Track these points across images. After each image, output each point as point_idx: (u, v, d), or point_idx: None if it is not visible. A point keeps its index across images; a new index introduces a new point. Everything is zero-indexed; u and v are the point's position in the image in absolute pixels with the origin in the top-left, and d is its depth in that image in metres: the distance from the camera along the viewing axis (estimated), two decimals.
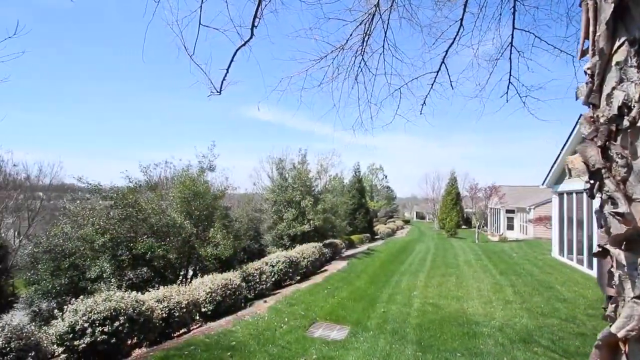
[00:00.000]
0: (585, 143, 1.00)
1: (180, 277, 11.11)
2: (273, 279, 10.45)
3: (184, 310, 6.93)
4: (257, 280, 9.89)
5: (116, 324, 5.29)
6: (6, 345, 4.07)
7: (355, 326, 6.95)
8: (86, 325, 5.08)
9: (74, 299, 5.73)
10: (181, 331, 7.18)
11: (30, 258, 11.75)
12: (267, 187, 20.52)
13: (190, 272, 11.76)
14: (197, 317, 7.76)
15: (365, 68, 3.77)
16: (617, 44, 0.92)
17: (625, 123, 0.93)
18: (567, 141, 12.97)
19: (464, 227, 41.58)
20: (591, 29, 0.96)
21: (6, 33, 4.22)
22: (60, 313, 5.35)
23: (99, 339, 5.08)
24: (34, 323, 9.07)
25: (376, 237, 32.98)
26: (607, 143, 0.95)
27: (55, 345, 5.15)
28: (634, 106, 0.91)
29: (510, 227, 31.47)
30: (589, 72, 0.98)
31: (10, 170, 23.17)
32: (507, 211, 31.58)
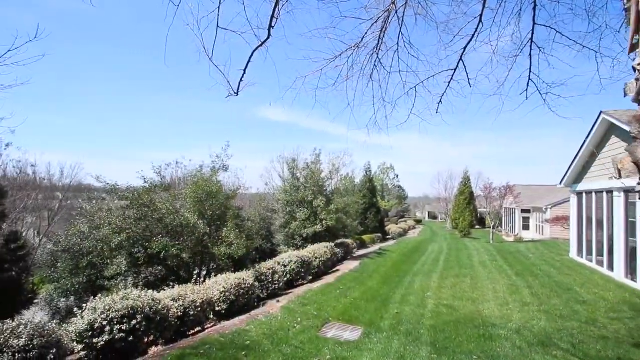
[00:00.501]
0: (636, 143, 0.95)
1: (195, 276, 11.24)
2: (285, 278, 10.46)
3: (199, 309, 7.00)
4: (270, 279, 9.92)
5: (133, 322, 5.36)
6: (29, 342, 4.18)
7: (369, 327, 6.91)
8: (105, 323, 5.17)
9: (92, 297, 5.85)
10: (196, 329, 7.25)
11: (49, 257, 12.08)
12: (279, 187, 20.59)
13: (204, 271, 11.88)
14: (211, 316, 7.82)
15: (380, 66, 3.73)
16: None
17: None
18: (586, 139, 12.61)
19: (477, 227, 40.98)
20: None
21: (27, 37, 4.33)
22: (80, 311, 5.46)
23: (117, 337, 5.17)
24: (54, 321, 9.30)
25: (388, 237, 32.78)
26: None
27: (75, 343, 5.25)
28: None
29: (525, 227, 30.83)
30: (639, 67, 0.93)
31: (30, 171, 23.86)
32: (523, 211, 30.94)
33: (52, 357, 4.36)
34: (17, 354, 4.05)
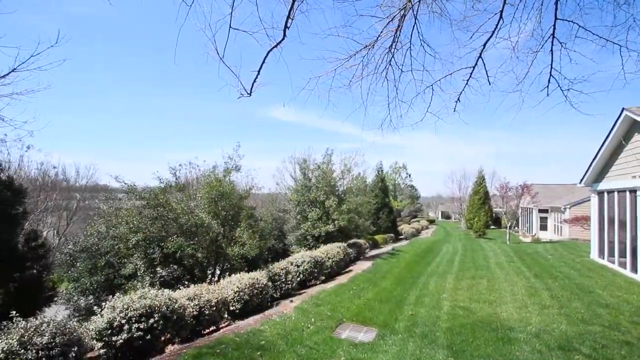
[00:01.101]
0: None
1: (209, 276, 11.37)
2: (298, 278, 10.48)
3: (214, 308, 7.07)
4: (283, 279, 9.95)
5: (151, 321, 5.46)
6: (52, 340, 4.29)
7: (383, 328, 6.85)
8: (123, 321, 5.28)
9: (110, 296, 5.98)
10: (211, 329, 7.32)
11: (68, 257, 12.38)
12: (290, 187, 20.67)
13: (218, 271, 12.01)
14: (226, 315, 7.90)
15: (396, 66, 3.68)
16: None
17: None
18: (607, 137, 12.21)
19: (492, 227, 40.24)
20: None
21: (48, 42, 4.45)
22: (99, 309, 5.58)
23: (135, 335, 5.26)
24: (74, 319, 9.55)
25: (400, 237, 32.50)
26: None
27: (94, 341, 5.37)
28: None
29: (543, 227, 30.08)
30: None
31: (52, 173, 24.61)
32: (540, 211, 30.19)
33: (74, 354, 4.46)
34: (40, 352, 4.17)
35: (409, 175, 64.63)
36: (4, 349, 4.00)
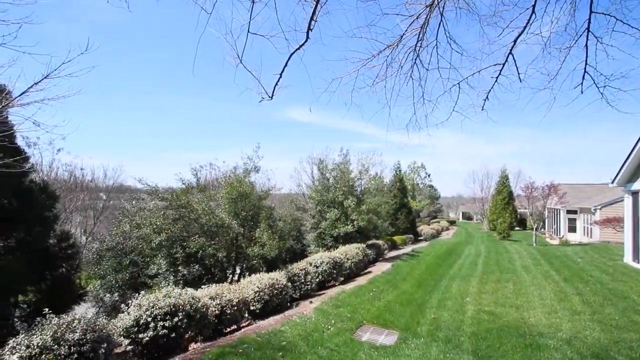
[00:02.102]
0: None
1: (229, 276, 11.53)
2: (317, 279, 10.46)
3: (235, 307, 7.15)
4: (302, 280, 9.96)
5: (175, 319, 5.57)
6: (83, 336, 4.46)
7: (404, 332, 6.74)
8: (149, 319, 5.42)
9: (134, 293, 6.14)
10: (232, 328, 7.41)
11: (95, 255, 12.86)
12: (310, 187, 20.69)
13: (238, 271, 12.16)
14: (246, 315, 7.98)
15: (421, 64, 3.60)
16: None
17: None
18: None
19: (517, 228, 38.98)
20: None
21: (78, 49, 4.61)
22: (126, 307, 5.75)
23: (160, 333, 5.39)
24: (103, 316, 9.87)
25: (420, 238, 31.96)
26: None
27: (122, 337, 5.54)
28: None
29: (572, 229, 28.86)
30: None
31: (79, 174, 25.65)
32: (569, 212, 28.98)
33: (103, 350, 4.61)
34: (72, 347, 4.33)
35: (428, 175, 63.35)
36: (39, 344, 4.17)
